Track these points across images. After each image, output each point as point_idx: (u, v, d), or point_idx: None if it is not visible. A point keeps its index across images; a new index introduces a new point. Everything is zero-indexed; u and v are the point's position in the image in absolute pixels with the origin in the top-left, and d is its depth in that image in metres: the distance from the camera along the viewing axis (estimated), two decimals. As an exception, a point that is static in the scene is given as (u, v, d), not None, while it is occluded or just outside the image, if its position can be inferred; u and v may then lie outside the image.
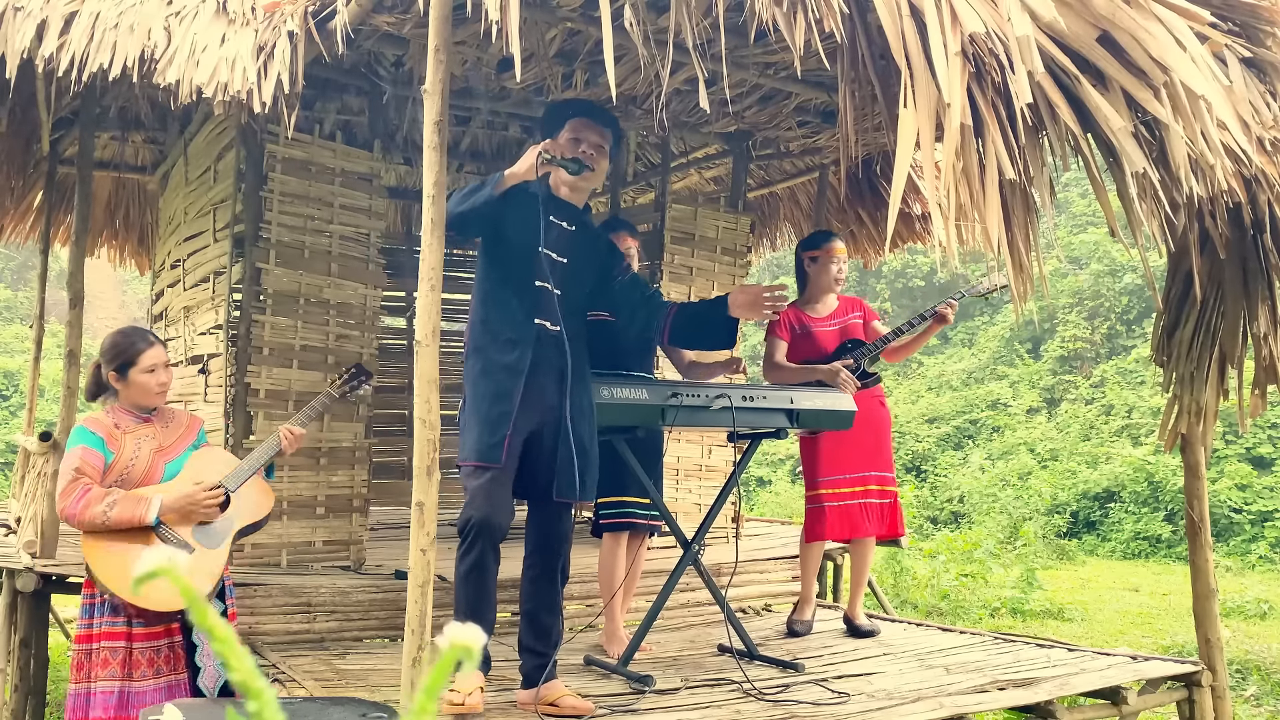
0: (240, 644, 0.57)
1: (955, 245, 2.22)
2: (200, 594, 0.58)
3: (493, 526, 3.14)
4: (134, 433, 3.06)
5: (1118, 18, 2.31)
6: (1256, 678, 6.58)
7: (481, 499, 3.13)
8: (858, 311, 4.65)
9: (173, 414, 3.22)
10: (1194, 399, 3.98)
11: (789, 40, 2.41)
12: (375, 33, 4.01)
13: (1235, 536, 12.78)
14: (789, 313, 4.60)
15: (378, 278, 4.87)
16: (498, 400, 3.18)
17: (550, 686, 3.24)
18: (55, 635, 6.18)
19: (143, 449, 3.04)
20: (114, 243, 7.78)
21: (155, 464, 3.04)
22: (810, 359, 4.49)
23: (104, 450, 2.99)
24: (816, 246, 4.65)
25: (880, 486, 4.50)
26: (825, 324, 4.59)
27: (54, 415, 5.52)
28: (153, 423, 3.12)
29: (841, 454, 4.44)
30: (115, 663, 2.92)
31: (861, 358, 4.46)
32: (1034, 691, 3.60)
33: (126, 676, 2.93)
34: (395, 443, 7.49)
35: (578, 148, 3.28)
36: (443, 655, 0.56)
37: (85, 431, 3.01)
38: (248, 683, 0.56)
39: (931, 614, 8.76)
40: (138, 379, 3.06)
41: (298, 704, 2.73)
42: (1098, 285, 18.74)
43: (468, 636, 0.56)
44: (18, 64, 3.68)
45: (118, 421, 3.06)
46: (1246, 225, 3.46)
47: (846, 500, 4.45)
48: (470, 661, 0.57)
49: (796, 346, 4.56)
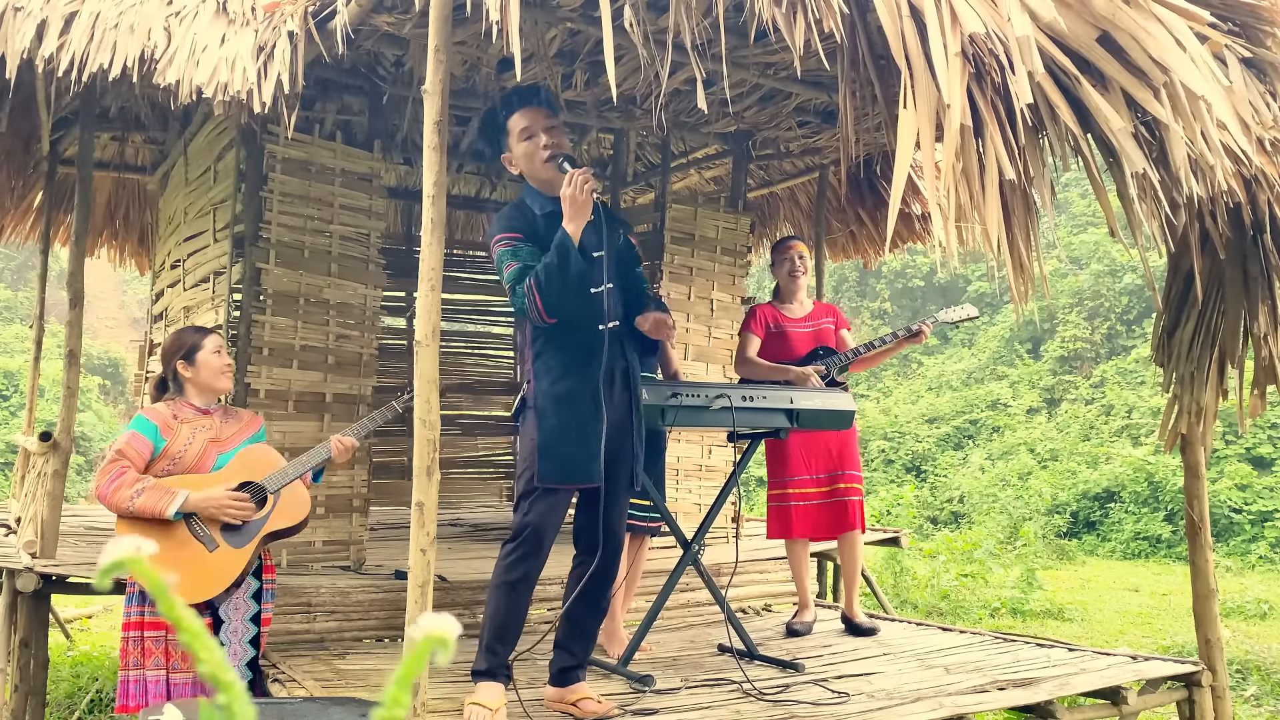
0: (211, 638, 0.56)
1: (955, 245, 2.22)
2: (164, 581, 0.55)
3: (548, 540, 3.12)
4: (191, 423, 3.14)
5: (1118, 18, 2.31)
6: (1256, 678, 6.58)
7: (547, 510, 3.10)
8: (830, 317, 4.75)
9: (235, 412, 3.33)
10: (1194, 399, 3.98)
11: (789, 40, 2.41)
12: (375, 33, 4.01)
13: (1235, 536, 12.78)
14: (765, 309, 4.76)
15: (378, 278, 4.88)
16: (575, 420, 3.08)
17: (576, 688, 3.25)
18: (55, 635, 6.18)
19: (197, 438, 3.12)
20: (114, 243, 7.78)
21: (208, 453, 3.11)
22: (782, 359, 4.59)
23: (156, 438, 3.07)
24: (774, 248, 4.88)
25: (846, 485, 4.54)
26: (800, 325, 4.69)
27: (54, 415, 5.52)
28: (213, 415, 3.21)
29: (811, 454, 4.52)
30: (159, 652, 3.00)
31: (833, 366, 4.55)
32: (1034, 691, 3.60)
33: (171, 667, 3.00)
34: (395, 443, 7.49)
35: (537, 142, 3.17)
36: (417, 646, 0.55)
37: (141, 419, 3.12)
38: (216, 675, 0.55)
39: (931, 614, 8.76)
40: (206, 360, 3.18)
41: (298, 704, 2.73)
42: (1098, 285, 18.74)
43: (441, 627, 0.55)
44: (18, 64, 3.68)
45: (176, 412, 3.16)
46: (1246, 225, 3.46)
47: (812, 500, 4.53)
48: (444, 652, 0.55)
49: (770, 344, 4.66)
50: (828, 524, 4.55)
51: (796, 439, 4.43)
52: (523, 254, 3.07)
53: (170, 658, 3.00)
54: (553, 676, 3.30)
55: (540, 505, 3.10)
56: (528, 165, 3.22)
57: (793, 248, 4.75)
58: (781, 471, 4.57)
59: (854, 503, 4.52)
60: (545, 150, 3.16)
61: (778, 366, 4.51)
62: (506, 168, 3.31)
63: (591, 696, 3.23)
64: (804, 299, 4.77)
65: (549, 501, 3.10)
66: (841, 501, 4.52)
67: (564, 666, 3.27)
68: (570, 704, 3.21)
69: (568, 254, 2.94)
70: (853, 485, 4.54)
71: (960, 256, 2.28)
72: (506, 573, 3.11)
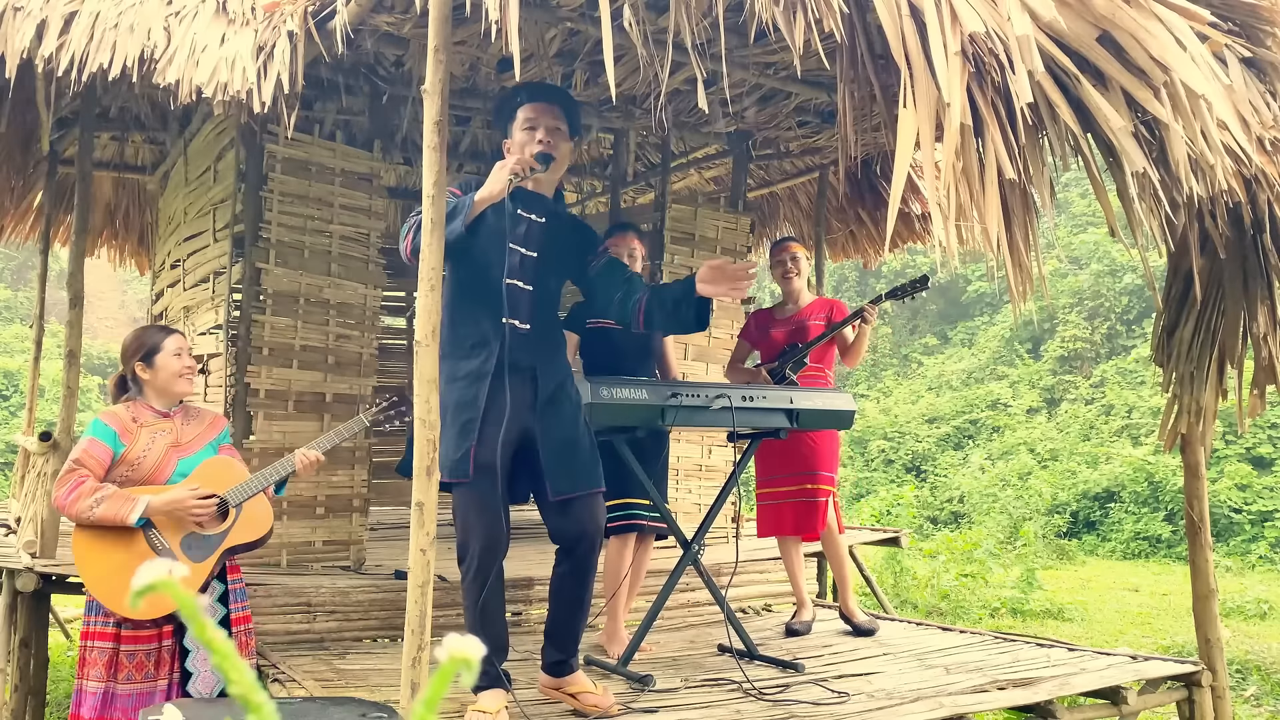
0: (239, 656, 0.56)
1: (955, 245, 2.22)
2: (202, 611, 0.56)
3: (487, 547, 3.06)
4: (151, 427, 3.05)
5: (1118, 18, 2.31)
6: (1256, 678, 6.58)
7: (473, 518, 3.06)
8: (823, 313, 4.70)
9: (197, 412, 3.21)
10: (1194, 399, 3.98)
11: (789, 40, 2.41)
12: (375, 33, 4.01)
13: (1235, 536, 12.78)
14: (759, 314, 4.88)
15: (378, 278, 4.88)
16: (461, 409, 3.06)
17: (574, 678, 3.24)
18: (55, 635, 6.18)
19: (156, 443, 3.03)
20: (114, 243, 7.78)
21: (168, 458, 3.02)
22: (767, 358, 4.71)
23: (115, 443, 2.98)
24: (771, 249, 4.91)
25: (814, 485, 4.54)
26: (782, 324, 4.72)
27: (54, 415, 5.52)
28: (173, 419, 3.11)
29: (781, 455, 4.53)
30: (101, 663, 2.92)
31: (785, 363, 4.56)
32: (1034, 691, 3.60)
33: (111, 678, 2.93)
34: (395, 443, 7.48)
35: (534, 135, 3.17)
36: (442, 668, 0.55)
37: (98, 424, 3.02)
38: (248, 697, 0.55)
39: (931, 614, 8.76)
40: (165, 362, 3.07)
41: (298, 704, 2.73)
42: (1098, 285, 18.75)
43: (467, 648, 0.55)
44: (18, 64, 3.68)
45: (136, 415, 3.06)
46: (1246, 225, 3.46)
47: (782, 499, 4.57)
48: (469, 673, 0.55)
49: (760, 346, 4.79)
50: (795, 523, 4.56)
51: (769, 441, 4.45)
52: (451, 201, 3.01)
53: (120, 669, 2.93)
54: (546, 666, 3.30)
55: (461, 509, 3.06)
56: (519, 154, 3.19)
57: (786, 249, 4.74)
58: (760, 471, 4.66)
59: (821, 504, 4.52)
60: (539, 145, 3.15)
61: (744, 369, 4.73)
62: (504, 152, 3.28)
63: (592, 690, 3.21)
64: (801, 298, 4.75)
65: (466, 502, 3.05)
66: (810, 502, 4.53)
67: (555, 661, 3.28)
68: (570, 694, 3.21)
69: (454, 212, 2.91)
70: (821, 486, 4.54)
71: (960, 256, 2.28)
72: (468, 594, 3.10)
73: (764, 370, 4.62)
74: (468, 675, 0.55)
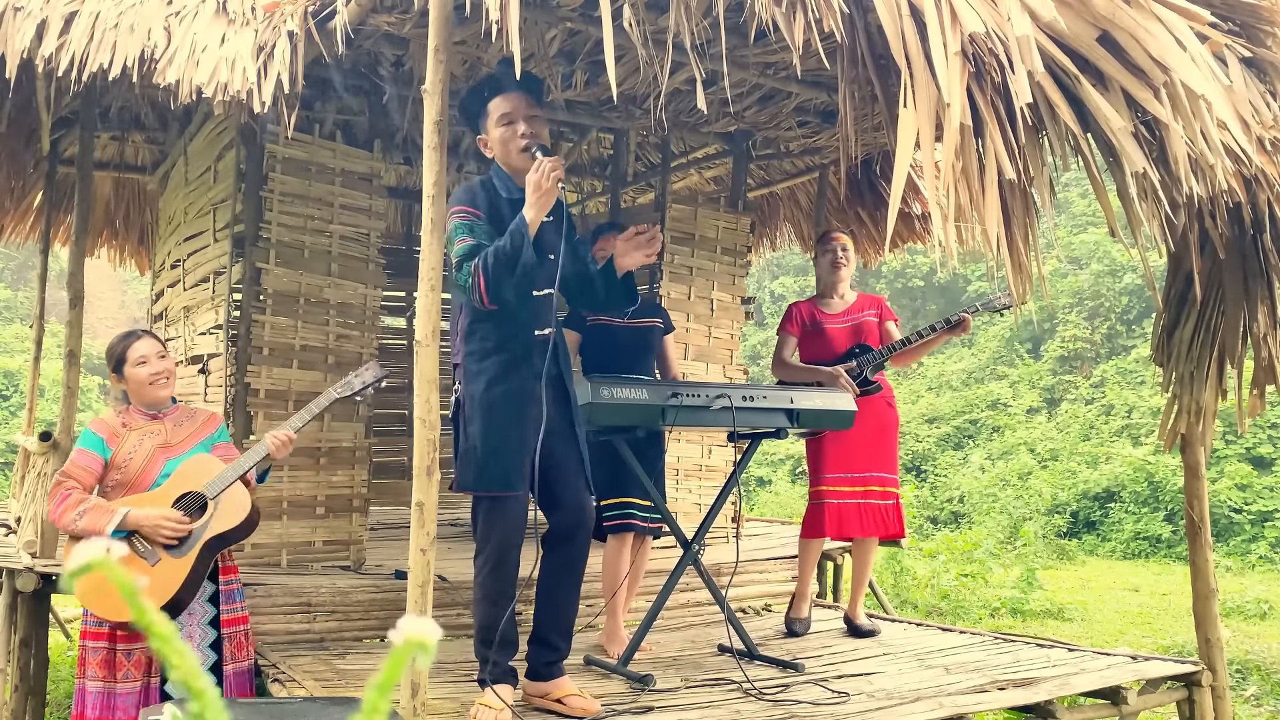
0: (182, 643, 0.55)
1: (955, 245, 2.22)
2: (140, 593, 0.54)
3: (512, 544, 3.09)
4: (140, 429, 3.08)
5: (1118, 18, 2.31)
6: (1256, 678, 6.58)
7: (501, 523, 3.06)
8: (873, 309, 4.64)
9: (191, 413, 3.22)
10: (1194, 399, 3.98)
11: (789, 40, 2.41)
12: (375, 33, 4.01)
13: (1235, 536, 12.78)
14: (803, 307, 4.69)
15: (378, 278, 4.88)
16: (510, 425, 3.04)
17: (560, 683, 3.21)
18: (55, 635, 6.18)
19: (143, 445, 3.05)
20: (114, 243, 7.79)
21: (155, 460, 3.04)
22: (821, 357, 4.54)
23: (102, 449, 3.02)
24: (818, 240, 4.80)
25: (882, 488, 4.47)
26: (837, 321, 4.60)
27: (54, 415, 5.52)
28: (163, 420, 3.13)
29: (847, 453, 4.44)
30: (97, 663, 2.96)
31: (866, 365, 4.48)
32: (1034, 691, 3.60)
33: (110, 677, 2.96)
34: (395, 443, 7.49)
35: (515, 130, 3.11)
36: (395, 651, 0.54)
37: (86, 433, 3.07)
38: (189, 682, 0.55)
39: (931, 614, 8.76)
40: (131, 373, 3.09)
41: (298, 704, 2.73)
42: (1098, 285, 18.74)
43: (421, 631, 0.54)
44: (18, 64, 3.68)
45: (125, 420, 3.10)
46: (1246, 225, 3.46)
47: (846, 499, 4.44)
48: (425, 656, 0.54)
49: (808, 343, 4.61)
50: (859, 524, 4.43)
51: (831, 436, 4.38)
52: (479, 231, 3.00)
53: (118, 668, 2.95)
54: (531, 670, 3.24)
55: (493, 516, 3.07)
56: (502, 151, 3.16)
57: (836, 239, 4.67)
58: (818, 469, 4.49)
59: (890, 507, 4.45)
60: (522, 140, 3.10)
61: (810, 368, 4.48)
62: (481, 149, 3.26)
63: (578, 693, 3.18)
64: (846, 292, 4.66)
65: (500, 509, 3.06)
66: (893, 504, 4.46)
67: (544, 662, 3.22)
68: (555, 700, 3.16)
69: (522, 241, 2.85)
70: (888, 489, 4.46)
71: (960, 256, 2.28)
72: (484, 588, 3.09)
73: (838, 371, 4.38)
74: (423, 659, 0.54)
